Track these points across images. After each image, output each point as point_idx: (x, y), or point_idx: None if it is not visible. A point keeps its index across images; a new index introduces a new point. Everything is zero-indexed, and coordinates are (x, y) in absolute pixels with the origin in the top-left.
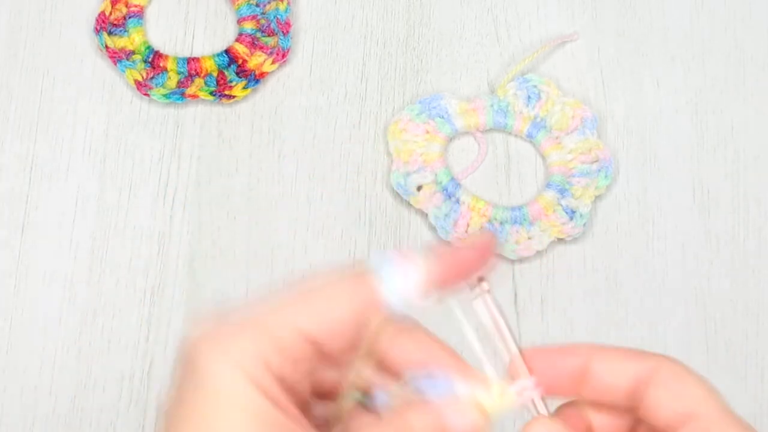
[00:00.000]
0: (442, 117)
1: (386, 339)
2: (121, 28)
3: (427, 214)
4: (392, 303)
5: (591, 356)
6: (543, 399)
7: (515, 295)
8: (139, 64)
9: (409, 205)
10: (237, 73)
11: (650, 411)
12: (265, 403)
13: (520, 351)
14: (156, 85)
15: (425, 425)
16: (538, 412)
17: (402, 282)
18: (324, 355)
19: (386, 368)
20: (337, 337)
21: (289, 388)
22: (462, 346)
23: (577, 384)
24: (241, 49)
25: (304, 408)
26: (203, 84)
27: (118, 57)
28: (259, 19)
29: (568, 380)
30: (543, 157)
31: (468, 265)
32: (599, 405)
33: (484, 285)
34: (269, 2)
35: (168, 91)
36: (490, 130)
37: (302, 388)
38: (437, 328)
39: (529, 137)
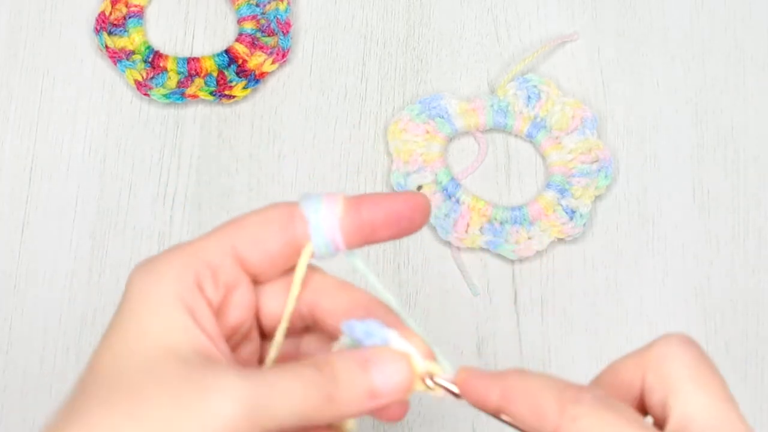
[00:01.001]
0: (442, 117)
1: (323, 290)
2: (121, 28)
3: None
4: (317, 237)
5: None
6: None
7: (515, 295)
8: (139, 64)
9: None
10: (237, 73)
11: (647, 399)
12: (189, 323)
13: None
14: (156, 85)
15: (350, 372)
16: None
17: (325, 216)
18: (257, 283)
19: (322, 320)
20: (269, 261)
21: (224, 316)
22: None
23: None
24: (241, 49)
25: (241, 342)
26: (203, 84)
27: (118, 57)
28: (259, 19)
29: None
30: (543, 157)
31: (397, 213)
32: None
33: (429, 382)
34: (269, 2)
35: (168, 91)
36: (490, 130)
37: (242, 319)
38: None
39: (529, 137)
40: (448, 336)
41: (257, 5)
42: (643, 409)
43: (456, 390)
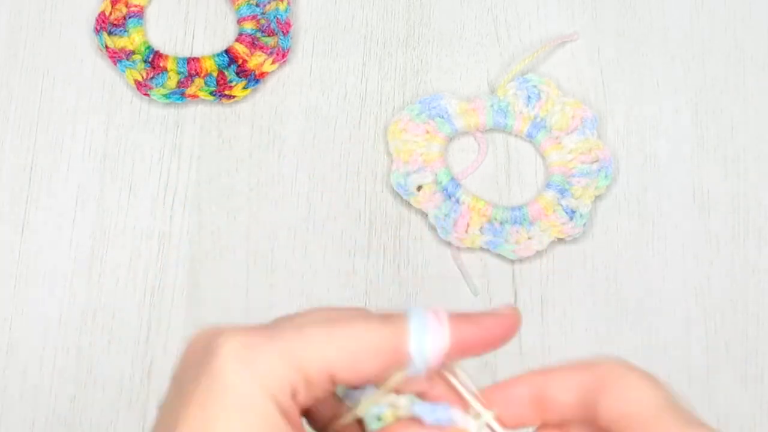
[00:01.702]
0: (442, 117)
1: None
2: (121, 28)
3: (427, 214)
4: (416, 361)
5: (542, 381)
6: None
7: (515, 295)
8: (139, 64)
9: (409, 205)
10: (237, 73)
11: (604, 419)
12: (277, 416)
13: (478, 392)
14: (156, 85)
15: None
16: None
17: (430, 343)
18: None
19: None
20: (358, 376)
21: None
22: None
23: (538, 410)
24: (241, 49)
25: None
26: (203, 84)
27: (118, 57)
28: (259, 19)
29: (528, 409)
30: (543, 157)
31: (492, 336)
32: (565, 425)
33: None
34: (269, 2)
35: (168, 91)
36: (490, 130)
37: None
38: None
39: (529, 137)
40: None
41: (257, 5)
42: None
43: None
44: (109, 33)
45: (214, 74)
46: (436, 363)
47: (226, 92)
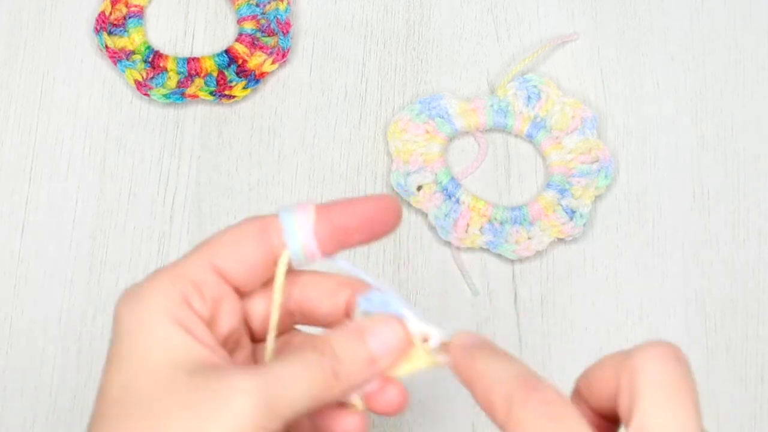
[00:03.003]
0: (442, 117)
1: (307, 282)
2: (121, 28)
3: (427, 214)
4: (292, 245)
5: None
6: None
7: (515, 295)
8: (139, 64)
9: (409, 205)
10: (237, 73)
11: (618, 404)
12: (187, 338)
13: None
14: (156, 85)
15: (348, 345)
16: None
17: (298, 224)
18: (242, 295)
19: (312, 310)
20: (249, 273)
21: (215, 327)
22: None
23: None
24: (241, 49)
25: (234, 348)
26: (203, 84)
27: (118, 57)
28: (259, 19)
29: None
30: (543, 157)
31: (368, 219)
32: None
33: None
34: (269, 2)
35: (168, 91)
36: (490, 130)
37: (232, 328)
38: None
39: (529, 137)
40: (447, 336)
41: (257, 5)
42: (613, 407)
43: (443, 360)
44: (109, 33)
45: (214, 74)
46: (312, 247)
47: (226, 92)
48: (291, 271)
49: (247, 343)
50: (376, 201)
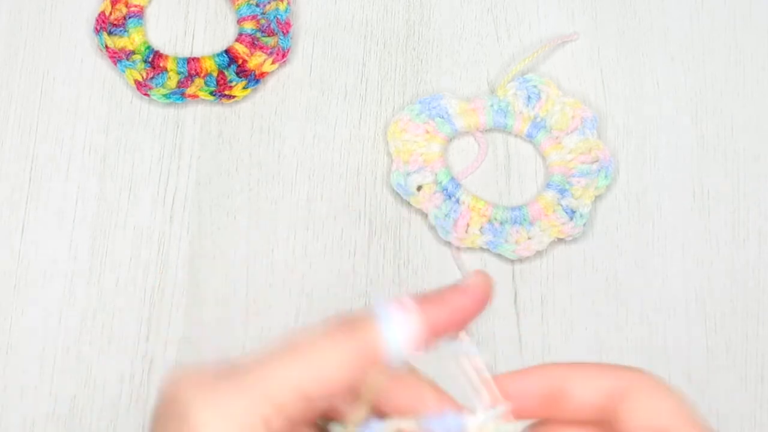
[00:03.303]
0: (442, 117)
1: (381, 387)
2: (121, 28)
3: (427, 214)
4: (391, 354)
5: (563, 376)
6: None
7: (515, 295)
8: (139, 64)
9: (409, 205)
10: (237, 73)
11: (625, 427)
12: None
13: (493, 379)
14: (156, 85)
15: None
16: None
17: (400, 333)
18: (320, 408)
19: (382, 415)
20: (334, 392)
21: None
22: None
23: (550, 404)
24: (241, 49)
25: None
26: (203, 84)
27: (118, 57)
28: (259, 19)
29: (538, 401)
30: (543, 157)
31: (464, 312)
32: (570, 423)
33: (463, 337)
34: (269, 2)
35: (168, 91)
36: (490, 130)
37: None
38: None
39: (529, 137)
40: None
41: (257, 5)
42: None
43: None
44: (109, 33)
45: (214, 74)
46: (411, 346)
47: (226, 92)
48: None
49: None
50: (475, 291)
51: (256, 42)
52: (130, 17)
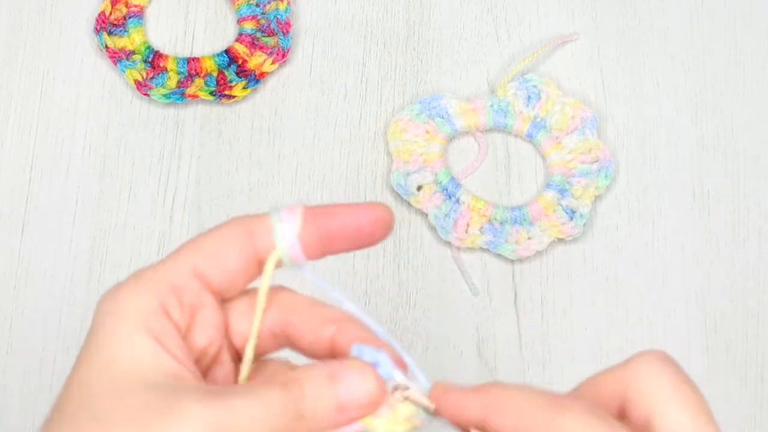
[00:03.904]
0: (442, 117)
1: (293, 307)
2: (121, 28)
3: (427, 214)
4: (282, 245)
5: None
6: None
7: (515, 295)
8: (139, 64)
9: (409, 205)
10: (237, 73)
11: (629, 414)
12: (157, 350)
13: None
14: (156, 85)
15: (317, 388)
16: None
17: (287, 228)
18: (224, 301)
19: (295, 338)
20: (231, 279)
21: (192, 338)
22: None
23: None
24: (241, 49)
25: (212, 365)
26: (203, 84)
27: (118, 57)
28: (259, 19)
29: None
30: (543, 157)
31: (356, 227)
32: None
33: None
34: (269, 2)
35: (168, 91)
36: (490, 130)
37: (210, 340)
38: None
39: (529, 137)
40: (447, 336)
41: (257, 5)
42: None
43: (430, 405)
44: (109, 33)
45: (214, 74)
46: (296, 250)
47: (226, 92)
48: (277, 289)
49: (228, 361)
50: (368, 209)
51: (256, 42)
52: (130, 17)
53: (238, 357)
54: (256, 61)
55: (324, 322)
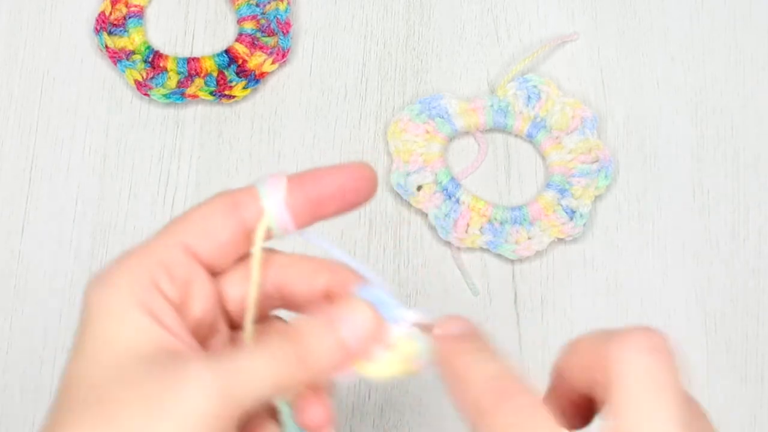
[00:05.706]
0: (442, 117)
1: (285, 265)
2: (121, 28)
3: (427, 214)
4: (271, 214)
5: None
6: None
7: (515, 295)
8: (139, 64)
9: (409, 205)
10: (237, 73)
11: (597, 390)
12: (153, 326)
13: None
14: (156, 85)
15: (317, 332)
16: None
17: (270, 195)
18: (215, 275)
19: (291, 294)
20: (221, 250)
21: (187, 311)
22: None
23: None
24: (241, 49)
25: (209, 335)
26: (203, 84)
27: (118, 57)
28: (259, 19)
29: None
30: (543, 157)
31: (341, 187)
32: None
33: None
34: (269, 2)
35: (168, 91)
36: (490, 130)
37: (205, 311)
38: None
39: (529, 137)
40: None
41: (257, 5)
42: (591, 392)
43: (432, 324)
44: (109, 33)
45: (214, 74)
46: (285, 218)
47: (226, 92)
48: (267, 252)
49: (225, 329)
50: (350, 168)
51: (256, 42)
52: (130, 17)
53: (233, 325)
54: (256, 61)
55: (316, 270)
